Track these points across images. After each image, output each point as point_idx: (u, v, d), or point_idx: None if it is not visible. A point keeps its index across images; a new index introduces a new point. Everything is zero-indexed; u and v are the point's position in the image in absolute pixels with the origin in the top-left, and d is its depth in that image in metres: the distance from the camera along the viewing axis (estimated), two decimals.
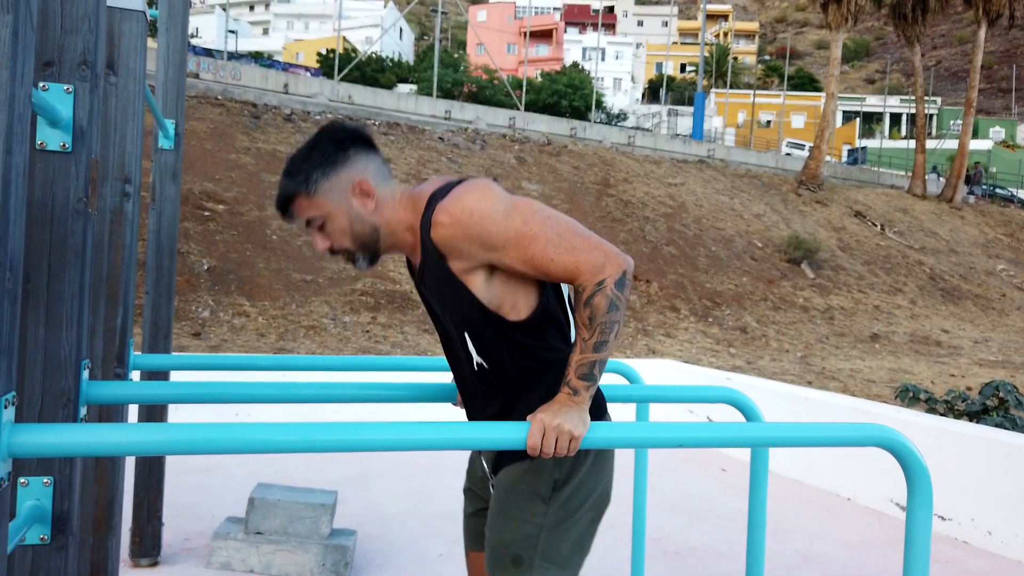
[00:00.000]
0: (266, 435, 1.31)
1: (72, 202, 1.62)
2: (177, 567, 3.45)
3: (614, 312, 1.46)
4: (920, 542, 1.62)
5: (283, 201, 1.56)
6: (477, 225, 1.46)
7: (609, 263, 1.46)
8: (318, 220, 1.55)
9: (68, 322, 1.61)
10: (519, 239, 1.46)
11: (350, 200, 1.55)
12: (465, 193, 1.49)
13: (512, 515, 1.58)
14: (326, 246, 1.57)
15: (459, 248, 1.49)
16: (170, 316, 3.45)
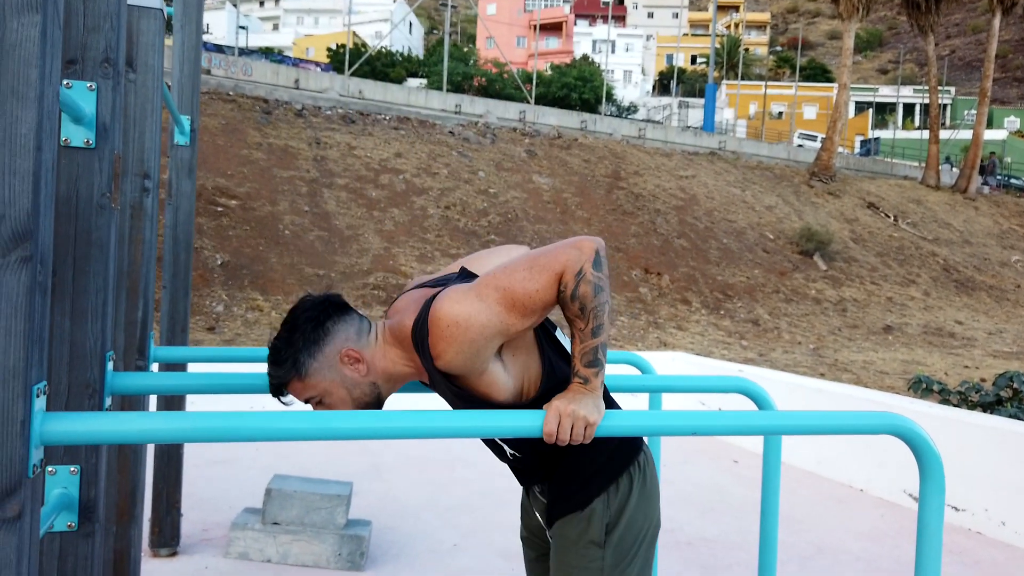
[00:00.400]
0: (288, 423, 1.34)
1: (96, 197, 1.65)
2: (196, 557, 3.50)
3: (600, 294, 1.48)
4: (932, 530, 1.64)
5: (277, 389, 1.60)
6: (472, 330, 1.47)
7: (578, 253, 1.47)
8: (314, 400, 1.59)
9: (93, 315, 1.65)
10: (508, 305, 1.48)
11: (342, 371, 1.58)
12: (439, 312, 1.49)
13: (572, 565, 1.64)
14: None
15: (470, 362, 1.51)
16: (187, 310, 3.49)
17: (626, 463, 1.68)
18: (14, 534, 1.13)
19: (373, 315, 11.98)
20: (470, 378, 1.55)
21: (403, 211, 15.66)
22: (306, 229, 13.86)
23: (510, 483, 5.01)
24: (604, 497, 1.65)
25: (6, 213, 1.11)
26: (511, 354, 1.58)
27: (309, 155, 16.63)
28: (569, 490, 1.67)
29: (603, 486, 1.65)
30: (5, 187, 1.12)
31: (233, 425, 1.32)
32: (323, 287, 12.35)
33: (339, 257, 13.39)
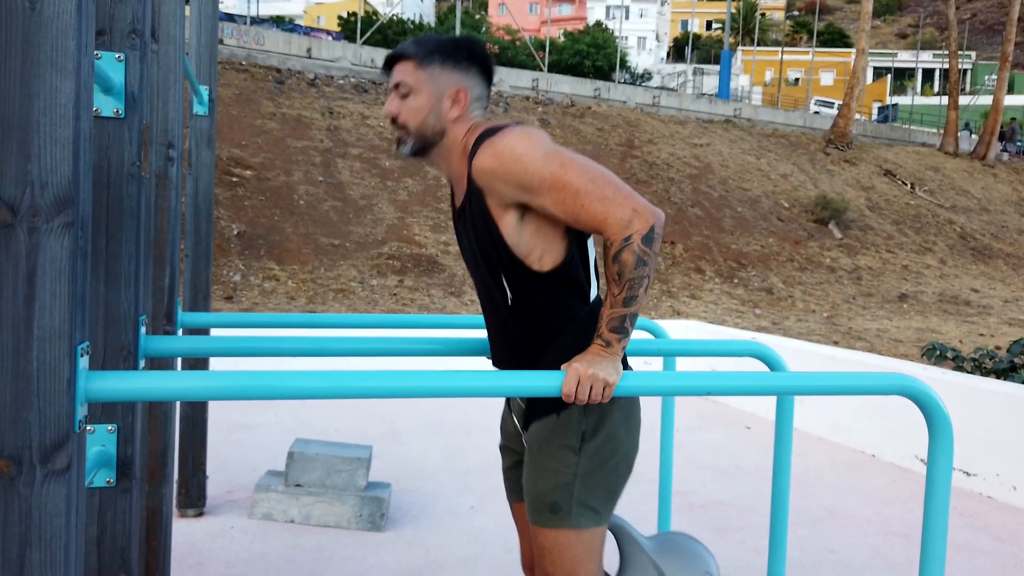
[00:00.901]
0: (318, 382, 1.40)
1: (126, 166, 1.70)
2: (222, 517, 3.61)
3: (642, 268, 1.51)
4: (940, 489, 1.69)
5: (396, 55, 1.66)
6: (516, 163, 1.53)
7: (637, 218, 1.51)
8: (406, 88, 1.64)
9: (126, 280, 1.71)
10: (554, 182, 1.53)
11: (443, 98, 1.64)
12: (510, 133, 1.56)
13: (546, 467, 1.66)
14: (395, 112, 1.66)
15: (494, 186, 1.56)
16: (208, 278, 3.56)
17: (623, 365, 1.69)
18: (63, 485, 1.20)
19: (387, 284, 12.07)
20: (491, 201, 1.59)
21: (416, 181, 15.67)
22: (321, 199, 13.91)
23: None
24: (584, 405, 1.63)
25: (49, 180, 1.16)
26: (535, 227, 1.61)
27: (323, 125, 16.63)
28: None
29: None
30: (47, 155, 1.17)
31: (269, 384, 1.38)
32: (338, 256, 12.44)
33: (353, 227, 13.45)
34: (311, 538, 3.44)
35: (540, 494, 1.66)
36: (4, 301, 1.15)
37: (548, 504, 1.64)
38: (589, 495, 1.65)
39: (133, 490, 1.76)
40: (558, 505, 1.64)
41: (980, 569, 3.52)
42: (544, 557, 1.65)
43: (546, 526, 1.64)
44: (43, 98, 1.16)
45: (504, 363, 1.77)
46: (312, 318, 2.53)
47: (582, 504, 1.64)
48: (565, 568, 1.64)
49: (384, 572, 3.15)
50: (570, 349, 1.63)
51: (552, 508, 1.64)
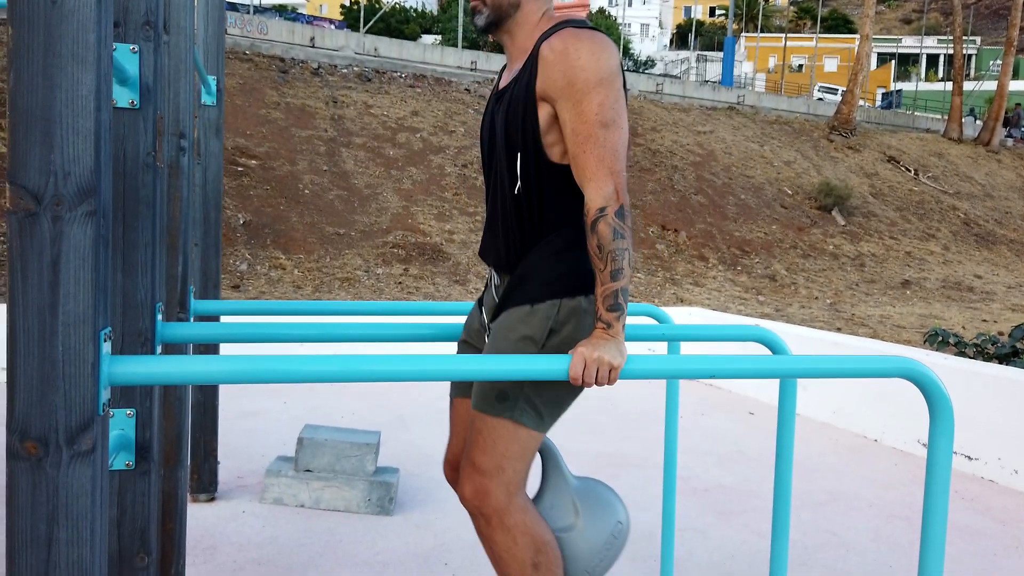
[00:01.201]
0: (333, 366, 1.44)
1: (142, 156, 1.74)
2: (233, 502, 3.67)
3: (620, 240, 1.55)
4: (941, 470, 1.72)
5: None
6: (577, 67, 1.56)
7: (615, 195, 1.57)
8: None
9: (143, 268, 1.75)
10: (581, 109, 1.57)
11: None
12: (595, 37, 1.59)
13: (504, 353, 1.67)
14: None
15: (550, 67, 1.58)
16: (218, 266, 3.60)
17: (588, 287, 1.70)
18: (88, 466, 1.24)
19: (392, 273, 12.11)
20: (539, 84, 1.61)
21: (421, 170, 15.69)
22: (325, 188, 13.94)
23: None
24: (556, 302, 1.67)
25: (72, 170, 1.20)
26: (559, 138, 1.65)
27: (326, 114, 16.64)
28: (525, 285, 1.69)
29: (558, 293, 1.67)
30: (69, 146, 1.20)
31: (286, 368, 1.41)
32: (344, 245, 12.48)
33: (358, 216, 13.48)
34: (321, 522, 3.50)
35: (492, 381, 1.64)
36: (30, 287, 1.19)
37: (496, 391, 1.65)
38: (537, 395, 1.66)
39: (151, 473, 1.80)
40: (505, 394, 1.65)
41: (982, 551, 3.56)
42: (476, 444, 1.66)
43: (488, 413, 1.66)
44: (65, 90, 1.19)
45: (491, 253, 1.78)
46: (321, 305, 2.57)
47: (529, 401, 1.66)
48: (495, 459, 1.65)
49: (394, 555, 3.21)
50: (555, 254, 1.68)
51: (499, 396, 1.65)
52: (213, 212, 3.59)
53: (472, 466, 1.67)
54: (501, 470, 1.64)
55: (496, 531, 1.67)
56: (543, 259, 1.68)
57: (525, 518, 1.69)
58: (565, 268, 1.68)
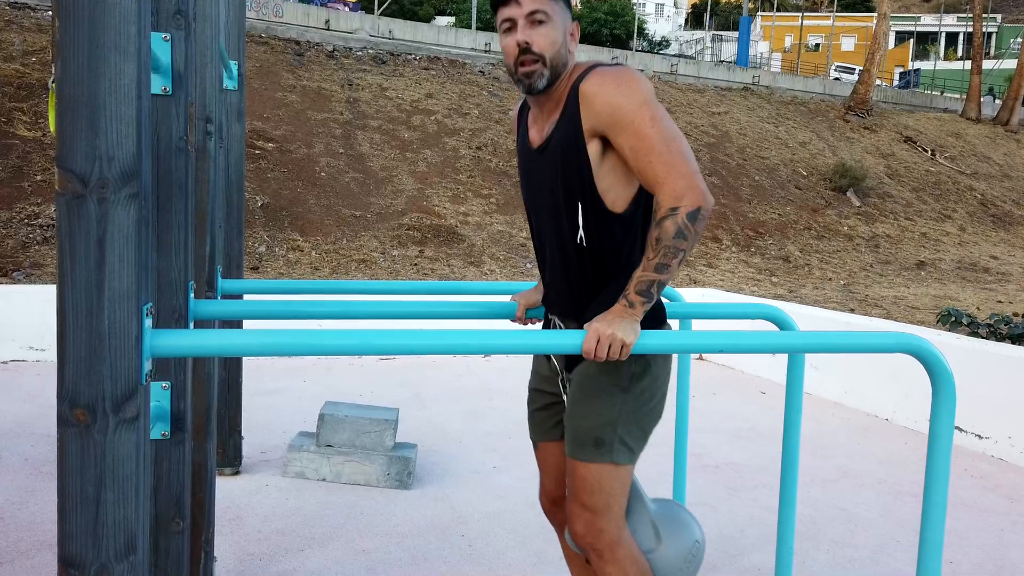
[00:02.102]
0: (359, 339, 1.52)
1: (175, 140, 1.82)
2: (257, 476, 3.78)
3: (680, 240, 1.59)
4: (942, 443, 1.78)
5: None
6: (617, 94, 1.62)
7: (690, 193, 1.59)
8: (541, 15, 1.66)
9: (176, 248, 1.83)
10: (638, 128, 1.61)
11: (567, 30, 1.72)
12: (625, 70, 1.66)
13: (594, 404, 1.75)
14: (529, 41, 1.66)
15: (593, 108, 1.64)
16: (241, 248, 3.69)
17: (657, 325, 1.80)
18: (133, 432, 1.33)
19: (407, 255, 12.21)
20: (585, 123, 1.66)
21: (435, 152, 15.73)
22: (341, 171, 14.02)
23: None
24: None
25: (115, 155, 1.27)
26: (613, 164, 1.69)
27: (342, 97, 16.69)
28: None
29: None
30: (113, 132, 1.27)
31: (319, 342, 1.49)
32: (360, 228, 12.57)
33: (374, 198, 13.57)
34: (342, 495, 3.60)
35: (586, 429, 1.75)
36: (78, 265, 1.27)
37: (592, 439, 1.74)
38: (628, 433, 1.76)
39: (185, 443, 1.90)
40: (601, 440, 1.74)
41: (990, 527, 3.62)
42: (582, 490, 1.76)
43: (588, 460, 1.75)
44: (109, 79, 1.26)
45: (557, 304, 1.86)
46: (340, 284, 2.66)
47: (622, 441, 1.75)
48: (603, 499, 1.75)
49: (412, 527, 3.31)
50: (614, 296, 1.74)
51: (596, 443, 1.74)
52: (236, 195, 3.68)
53: (581, 507, 1.76)
54: (609, 508, 1.75)
55: (608, 564, 1.78)
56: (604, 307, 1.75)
57: (631, 549, 1.82)
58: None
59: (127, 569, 1.33)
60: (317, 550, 3.05)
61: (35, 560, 2.86)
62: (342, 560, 2.98)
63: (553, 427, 1.93)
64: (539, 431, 1.98)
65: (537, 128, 1.81)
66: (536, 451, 2.01)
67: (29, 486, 3.53)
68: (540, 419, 1.97)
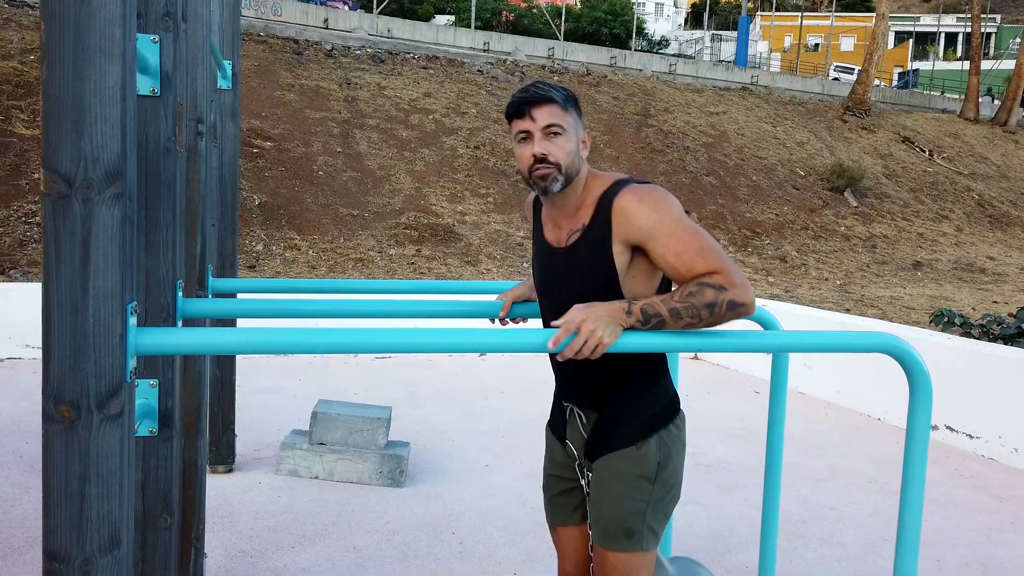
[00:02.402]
0: (345, 337, 1.53)
1: (163, 141, 1.83)
2: (251, 473, 3.80)
3: (706, 311, 1.62)
4: (919, 441, 1.80)
5: (542, 96, 1.74)
6: (657, 210, 1.68)
7: (744, 290, 1.64)
8: (557, 128, 1.74)
9: (164, 247, 1.85)
10: (680, 234, 1.67)
11: (580, 140, 1.80)
12: (658, 188, 1.74)
13: (623, 495, 1.80)
14: (547, 153, 1.74)
15: (631, 224, 1.69)
16: (235, 247, 3.71)
17: (674, 413, 1.87)
18: (117, 428, 1.35)
19: (405, 254, 12.23)
20: (615, 237, 1.72)
21: (433, 151, 15.75)
22: (339, 170, 14.03)
23: (540, 410, 5.25)
24: (658, 438, 1.81)
25: (100, 156, 1.29)
26: (638, 271, 1.75)
27: (340, 96, 16.70)
28: (623, 429, 1.82)
29: (657, 428, 1.82)
30: (98, 133, 1.29)
31: (298, 339, 1.51)
32: (357, 227, 12.59)
33: (372, 197, 13.58)
34: (334, 493, 3.63)
35: (616, 520, 1.80)
36: (63, 264, 1.29)
37: (623, 529, 1.80)
38: (655, 520, 1.83)
39: (173, 440, 1.92)
40: (632, 530, 1.80)
41: (978, 525, 3.65)
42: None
43: (620, 550, 1.81)
44: (93, 81, 1.28)
45: (575, 395, 1.89)
46: (335, 283, 2.66)
47: (650, 528, 1.82)
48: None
49: (403, 524, 3.33)
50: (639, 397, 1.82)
51: (627, 533, 1.80)
52: (230, 194, 3.70)
53: None
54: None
55: None
56: (634, 400, 1.82)
57: None
58: (656, 405, 1.84)
59: (111, 563, 1.35)
60: (308, 547, 3.08)
61: (27, 556, 2.88)
62: (333, 557, 3.00)
63: (572, 511, 1.97)
64: (558, 516, 2.00)
65: (553, 228, 1.86)
66: (554, 534, 2.03)
67: (23, 483, 3.55)
68: (558, 504, 1.99)
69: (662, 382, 1.86)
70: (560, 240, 1.83)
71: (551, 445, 2.01)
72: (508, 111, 1.77)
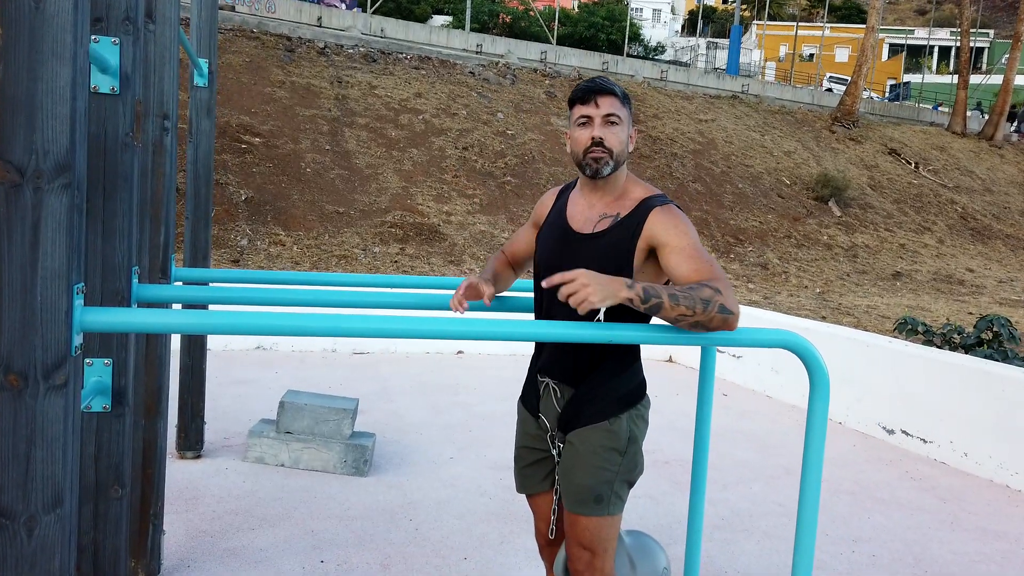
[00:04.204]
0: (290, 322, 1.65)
1: (121, 136, 1.96)
2: (218, 460, 3.92)
3: (701, 307, 1.75)
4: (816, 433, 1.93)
5: (606, 88, 1.95)
6: (679, 225, 1.92)
7: (732, 300, 1.80)
8: (615, 118, 1.95)
9: (120, 234, 1.97)
10: (694, 249, 1.89)
11: (629, 134, 2.02)
12: (683, 214, 1.97)
13: (596, 465, 1.98)
14: (603, 137, 1.94)
15: (660, 234, 1.91)
16: (207, 239, 3.83)
17: (643, 395, 2.05)
18: (61, 397, 1.47)
19: (388, 252, 12.34)
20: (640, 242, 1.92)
21: (422, 151, 15.87)
22: (327, 167, 14.14)
23: (507, 407, 5.39)
24: (628, 416, 2.00)
25: (50, 149, 1.42)
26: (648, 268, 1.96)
27: (331, 94, 16.81)
28: (597, 405, 1.99)
29: (628, 407, 2.00)
30: (48, 129, 1.42)
31: (242, 321, 1.63)
32: (343, 224, 12.70)
33: (359, 195, 13.70)
34: (299, 480, 3.75)
35: (587, 487, 1.98)
36: (14, 247, 1.42)
37: (594, 496, 1.98)
38: (621, 488, 2.02)
39: (126, 416, 2.04)
40: (601, 497, 1.98)
41: (917, 524, 3.79)
42: (584, 538, 2.01)
43: (590, 515, 1.99)
44: (45, 81, 1.41)
45: (557, 370, 2.05)
46: (307, 276, 2.77)
47: (617, 495, 2.00)
48: (602, 544, 2.01)
49: (363, 510, 3.46)
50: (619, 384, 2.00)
51: (596, 499, 1.98)
52: (204, 188, 3.82)
53: (582, 549, 2.01)
54: (606, 550, 2.02)
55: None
56: (609, 378, 2.00)
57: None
58: (628, 385, 2.02)
59: (54, 520, 1.47)
60: (267, 530, 3.20)
61: None
62: (290, 539, 3.12)
63: (543, 479, 2.15)
64: (530, 485, 2.18)
65: (582, 212, 2.04)
66: (529, 500, 2.22)
67: None
68: (529, 474, 2.17)
69: (635, 365, 2.03)
70: (586, 225, 2.01)
71: (524, 419, 2.16)
72: (573, 96, 1.98)
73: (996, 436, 4.59)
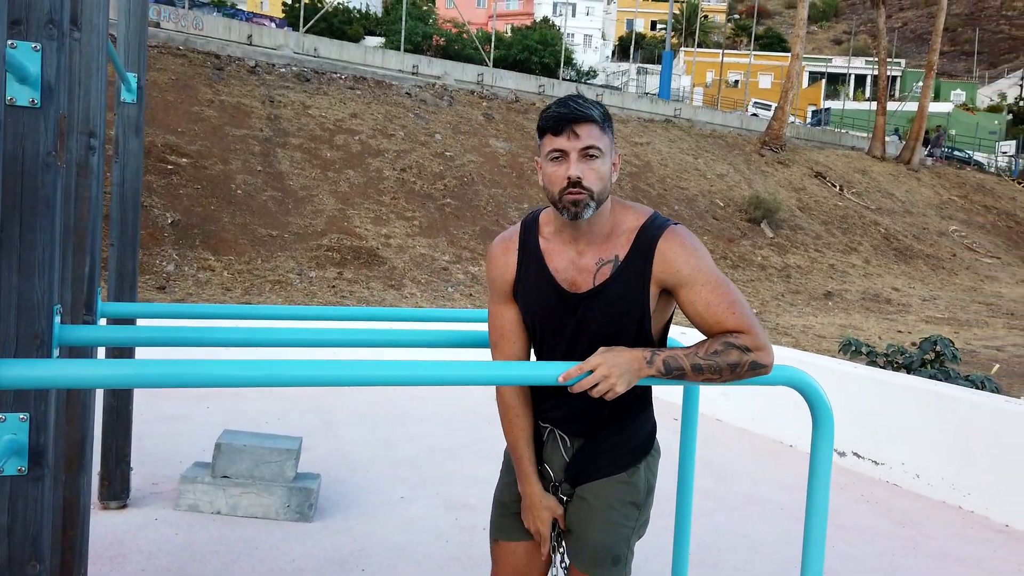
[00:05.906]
0: (227, 371, 1.44)
1: (42, 155, 1.71)
2: (146, 509, 3.59)
3: (728, 371, 1.60)
4: (822, 470, 1.80)
5: (583, 114, 1.63)
6: (695, 257, 1.66)
7: (767, 353, 1.62)
8: (596, 151, 1.64)
9: (40, 269, 1.71)
10: (716, 284, 1.65)
11: (611, 164, 1.70)
12: (692, 236, 1.72)
13: (613, 521, 1.79)
14: (581, 176, 1.62)
15: (669, 267, 1.67)
16: (135, 267, 3.53)
17: (654, 437, 1.87)
18: None
19: (326, 276, 11.98)
20: (654, 277, 1.67)
21: (358, 172, 15.56)
22: (259, 189, 13.70)
23: (462, 437, 5.16)
24: (645, 465, 1.82)
25: None
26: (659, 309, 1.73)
27: (263, 114, 16.36)
28: (614, 455, 1.79)
29: (646, 452, 1.83)
30: None
31: (176, 372, 1.41)
32: (276, 248, 12.29)
33: (293, 218, 13.29)
34: (238, 529, 3.45)
35: (605, 546, 1.78)
36: None
37: (611, 556, 1.78)
38: (634, 542, 1.83)
39: (45, 479, 1.76)
40: (619, 557, 1.79)
41: (880, 551, 3.72)
42: None
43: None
44: None
45: (566, 422, 1.82)
46: (245, 309, 2.52)
47: (631, 551, 1.82)
48: None
49: (310, 560, 3.19)
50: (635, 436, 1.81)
51: (614, 560, 1.78)
52: (131, 212, 3.52)
53: None
54: None
55: None
56: (625, 427, 1.81)
57: None
58: (642, 434, 1.83)
59: None
60: None
61: None
62: None
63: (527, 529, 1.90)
64: (510, 532, 1.91)
65: (571, 263, 1.74)
66: (496, 548, 1.93)
67: None
68: (515, 520, 1.90)
69: (648, 409, 1.86)
70: (582, 280, 1.72)
71: (509, 466, 1.94)
72: (544, 124, 1.66)
73: (947, 457, 4.60)
